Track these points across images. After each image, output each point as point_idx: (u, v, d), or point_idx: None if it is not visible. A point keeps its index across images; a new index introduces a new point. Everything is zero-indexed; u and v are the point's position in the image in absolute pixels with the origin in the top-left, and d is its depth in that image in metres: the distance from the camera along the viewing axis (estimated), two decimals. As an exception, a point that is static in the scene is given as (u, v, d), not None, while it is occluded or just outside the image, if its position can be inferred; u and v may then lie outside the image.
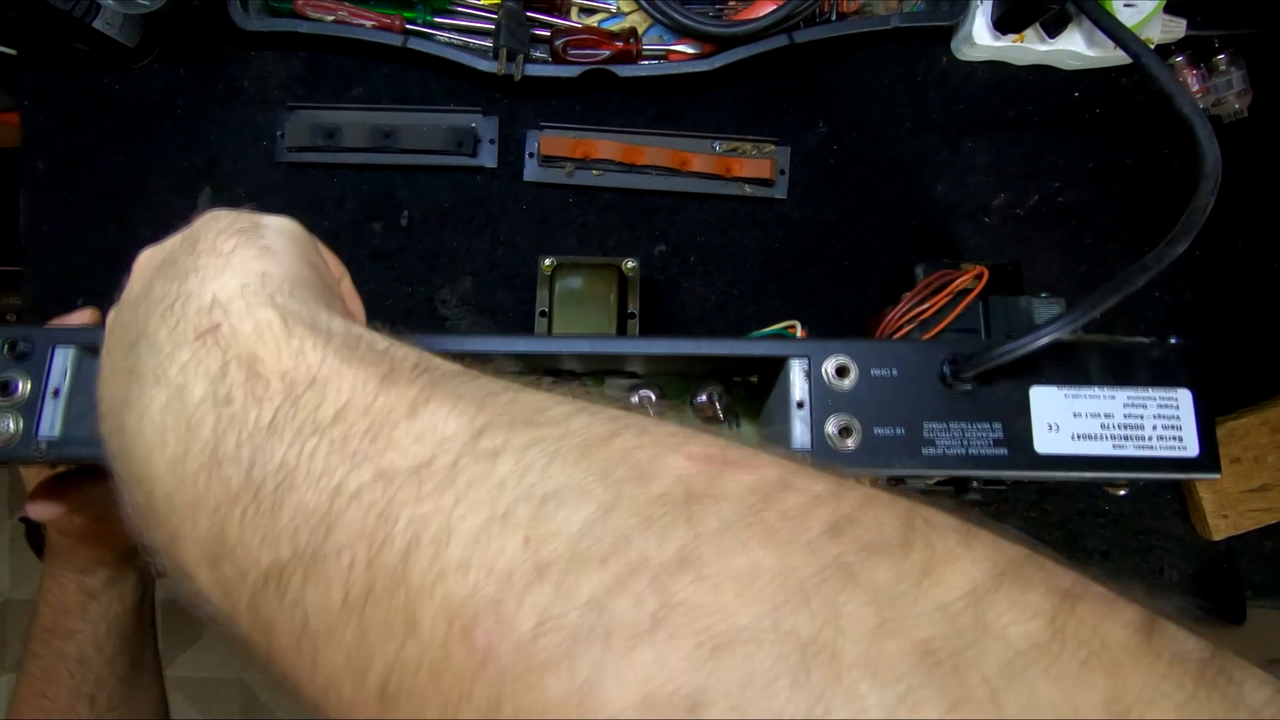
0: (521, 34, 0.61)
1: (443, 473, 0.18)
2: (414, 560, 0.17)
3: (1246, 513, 0.60)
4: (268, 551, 0.20)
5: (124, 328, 0.27)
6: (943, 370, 0.38)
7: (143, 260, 0.30)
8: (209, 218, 0.30)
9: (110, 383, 0.27)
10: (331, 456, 0.20)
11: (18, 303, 0.66)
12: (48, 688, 0.53)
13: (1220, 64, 0.62)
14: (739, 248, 0.64)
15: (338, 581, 0.18)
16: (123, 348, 0.26)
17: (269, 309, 0.24)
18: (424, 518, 0.18)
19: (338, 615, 0.18)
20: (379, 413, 0.20)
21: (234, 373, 0.22)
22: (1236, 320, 0.63)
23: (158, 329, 0.25)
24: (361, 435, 0.20)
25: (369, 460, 0.19)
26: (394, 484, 0.19)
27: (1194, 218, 0.36)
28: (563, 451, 0.18)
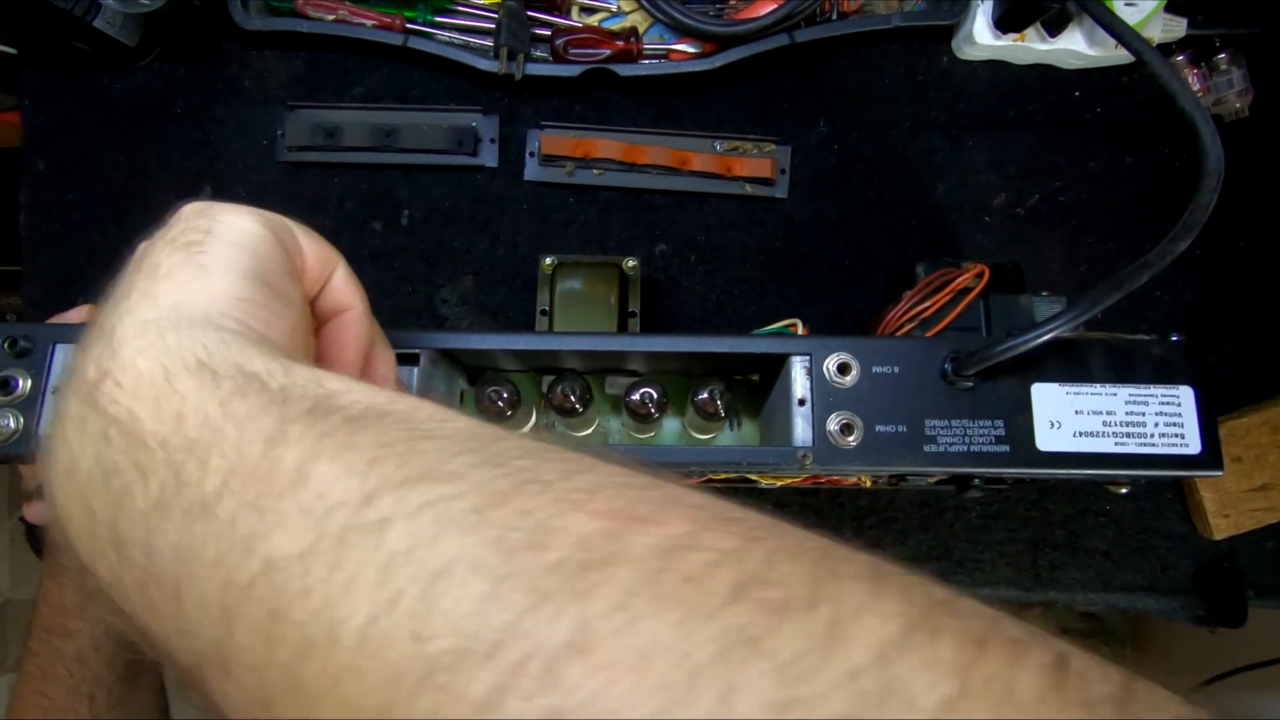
0: (522, 33, 0.61)
1: (330, 554, 0.17)
2: (308, 662, 0.16)
3: (1248, 512, 0.60)
4: (182, 647, 0.19)
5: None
6: (944, 367, 0.38)
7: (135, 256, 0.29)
8: (175, 218, 0.28)
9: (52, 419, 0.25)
10: (222, 543, 0.18)
11: (18, 302, 0.66)
12: (46, 686, 0.53)
13: (1221, 63, 0.62)
14: (740, 247, 0.64)
15: (243, 683, 0.18)
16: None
17: (154, 354, 0.22)
18: (314, 614, 0.17)
19: (252, 713, 0.18)
20: (264, 479, 0.19)
21: (115, 438, 0.21)
22: (1237, 319, 0.63)
23: (76, 359, 0.23)
24: (249, 510, 0.18)
25: (255, 546, 0.18)
26: (282, 573, 0.17)
27: (1196, 216, 0.36)
28: (453, 516, 0.17)
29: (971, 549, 0.62)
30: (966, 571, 0.62)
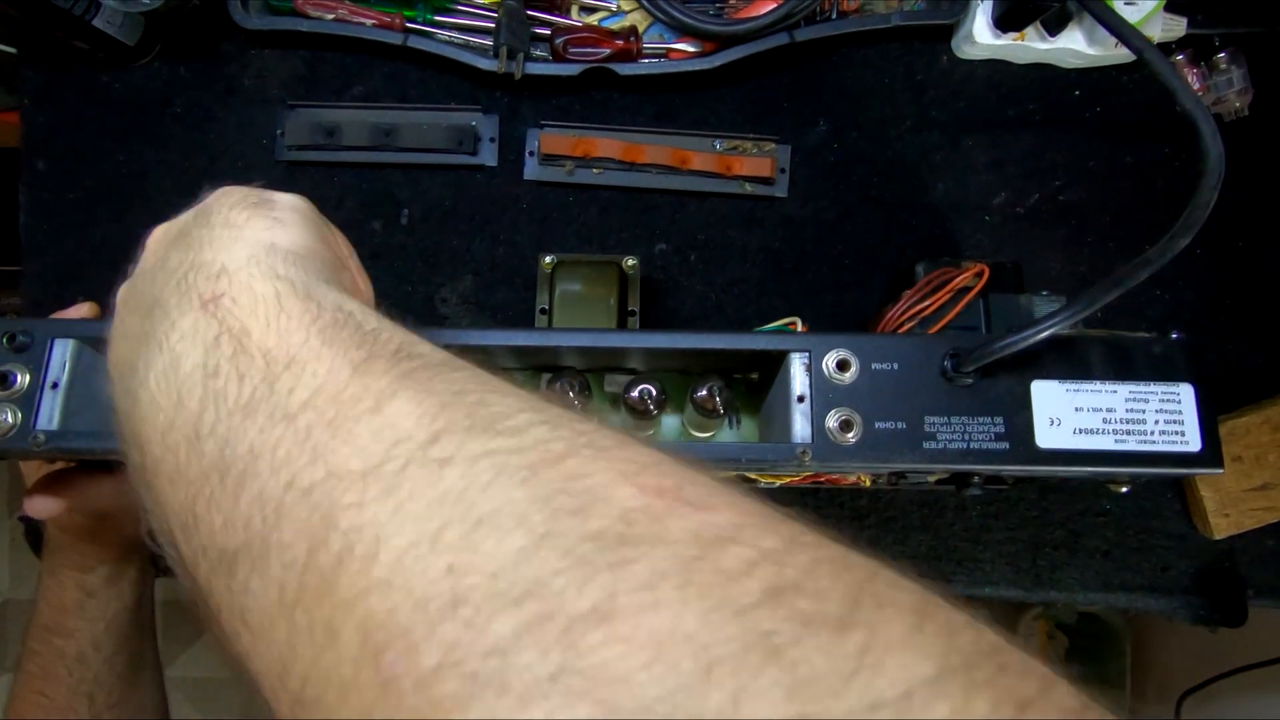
0: (522, 32, 0.61)
1: (389, 478, 0.18)
2: (344, 569, 0.17)
3: (1248, 511, 0.60)
4: (225, 535, 0.20)
5: (138, 296, 0.28)
6: (944, 364, 0.38)
7: (157, 234, 0.32)
8: (221, 193, 0.30)
9: (120, 346, 0.27)
10: (294, 448, 0.20)
11: (18, 302, 0.66)
12: (46, 686, 0.53)
13: (1221, 62, 0.62)
14: (739, 246, 0.64)
15: (276, 578, 0.18)
16: (136, 314, 0.27)
17: (269, 281, 0.24)
18: (360, 527, 0.17)
19: (273, 612, 0.18)
20: (346, 403, 0.20)
21: (224, 345, 0.23)
22: (1237, 319, 0.63)
23: (169, 296, 0.25)
24: (325, 426, 0.20)
25: (324, 456, 0.19)
26: (341, 484, 0.18)
27: (1196, 214, 0.36)
28: (509, 469, 0.18)
29: (971, 548, 0.62)
30: (966, 571, 0.62)
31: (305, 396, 0.21)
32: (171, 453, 0.22)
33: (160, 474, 0.22)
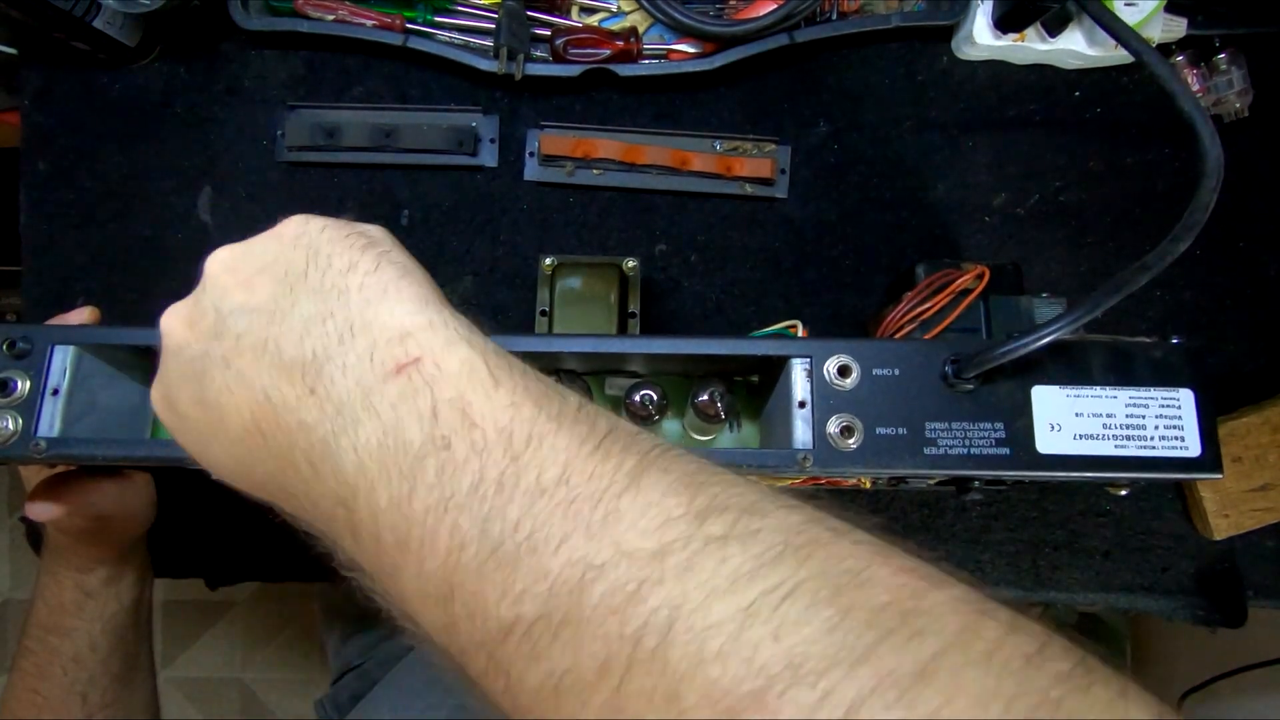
0: (522, 33, 0.61)
1: (681, 557, 0.20)
2: (672, 643, 0.19)
3: (1248, 512, 0.60)
4: (508, 606, 0.21)
5: (257, 342, 0.27)
6: (945, 370, 0.38)
7: (236, 264, 0.30)
8: (310, 227, 0.29)
9: (247, 396, 0.26)
10: (565, 524, 0.21)
11: (18, 303, 0.66)
12: (41, 684, 0.53)
13: (1221, 63, 0.62)
14: (739, 247, 0.64)
15: (590, 649, 0.19)
16: (271, 362, 0.26)
17: (464, 346, 0.25)
18: (674, 604, 0.19)
19: (592, 679, 0.19)
20: (600, 481, 0.22)
21: (447, 416, 0.23)
22: (1237, 319, 0.63)
23: (336, 354, 0.25)
24: (588, 504, 0.21)
25: (603, 534, 0.21)
26: (635, 563, 0.20)
27: (1196, 216, 0.36)
28: (786, 551, 0.20)
29: (972, 549, 0.62)
30: (966, 571, 0.62)
31: (557, 473, 0.22)
32: (414, 522, 0.22)
33: (400, 542, 0.23)
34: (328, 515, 0.25)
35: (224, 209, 0.64)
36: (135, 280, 0.64)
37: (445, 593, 0.22)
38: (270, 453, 0.26)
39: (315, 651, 1.55)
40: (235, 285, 0.29)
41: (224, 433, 0.27)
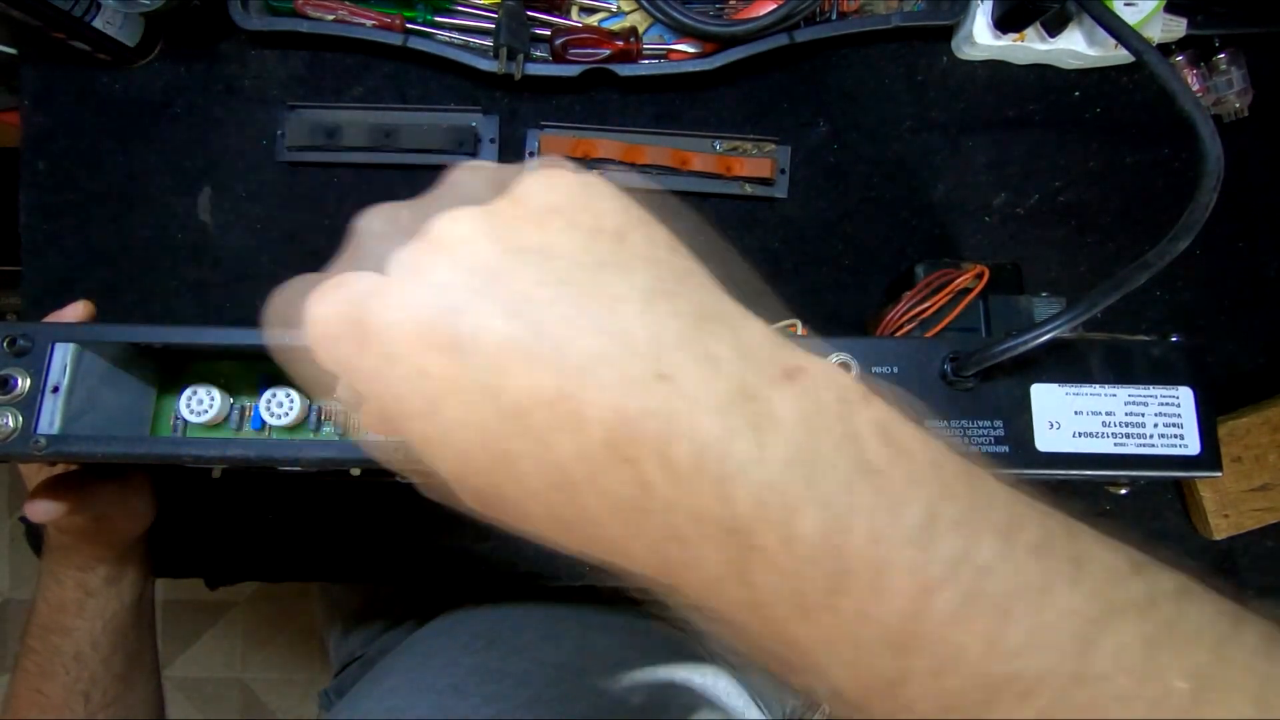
0: (522, 33, 0.61)
1: (1118, 624, 0.19)
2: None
3: (1248, 512, 0.60)
4: (1006, 661, 0.18)
5: (577, 297, 0.20)
6: (944, 368, 0.38)
7: (517, 191, 0.22)
8: (601, 182, 0.22)
9: (563, 361, 0.19)
10: (1045, 574, 0.19)
11: (18, 303, 0.66)
12: (43, 684, 0.53)
13: (1221, 63, 0.62)
14: (739, 247, 0.64)
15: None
16: (596, 328, 0.19)
17: (835, 376, 0.21)
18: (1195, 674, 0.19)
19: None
20: (1061, 536, 0.21)
21: (870, 438, 0.19)
22: (1237, 319, 0.63)
23: (703, 342, 0.20)
24: (1061, 558, 0.20)
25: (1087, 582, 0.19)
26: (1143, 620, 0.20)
27: (1196, 215, 0.36)
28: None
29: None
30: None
31: (1005, 519, 0.20)
32: (853, 558, 0.18)
33: (819, 578, 0.19)
34: (696, 543, 0.19)
35: (224, 209, 0.64)
36: (135, 280, 0.64)
37: (901, 642, 0.18)
38: (595, 454, 0.19)
39: (315, 651, 1.55)
40: (524, 218, 0.21)
41: (512, 428, 0.19)
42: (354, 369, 0.21)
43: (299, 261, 0.64)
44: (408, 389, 0.20)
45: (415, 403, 0.20)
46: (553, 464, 0.19)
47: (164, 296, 0.64)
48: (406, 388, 0.20)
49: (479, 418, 0.20)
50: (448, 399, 0.20)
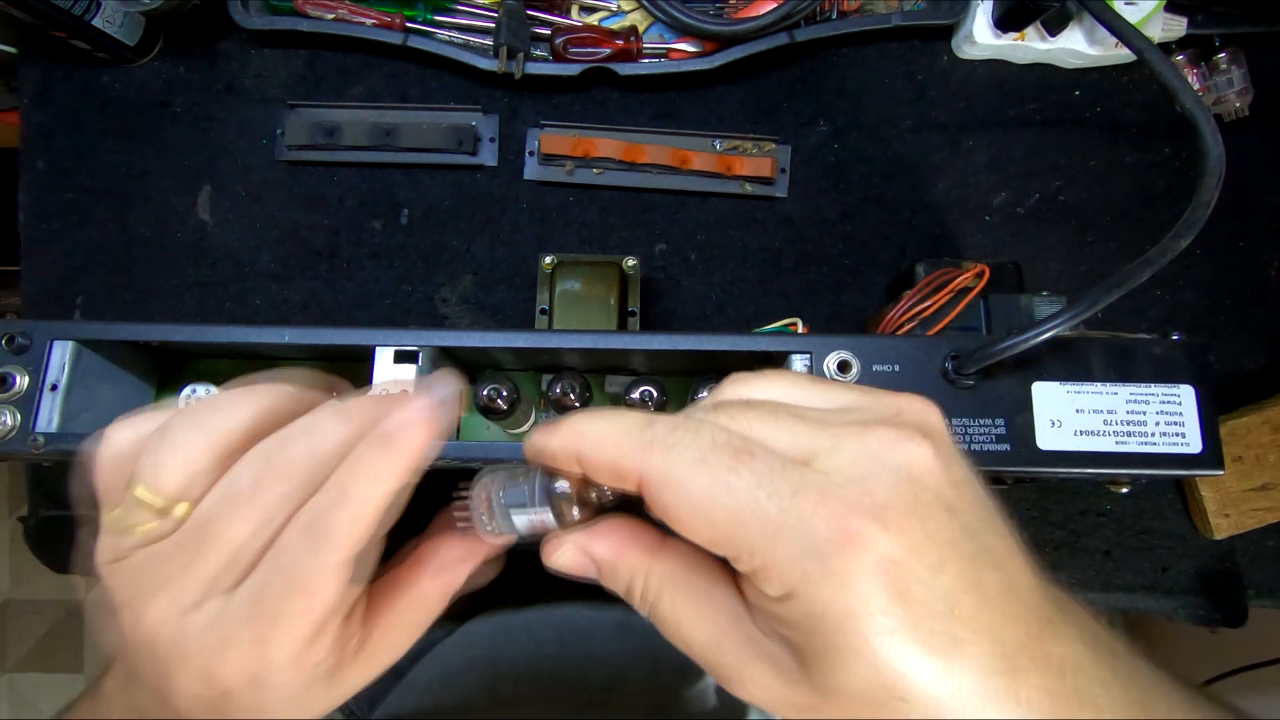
0: (522, 32, 0.61)
1: None
2: None
3: (1248, 512, 0.60)
4: None
5: (993, 581, 0.25)
6: (945, 366, 0.38)
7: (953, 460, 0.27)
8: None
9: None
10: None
11: (18, 302, 0.66)
12: None
13: (1221, 62, 0.62)
14: (740, 246, 0.64)
15: None
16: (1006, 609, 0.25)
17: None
18: None
19: None
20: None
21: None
22: (1237, 319, 0.63)
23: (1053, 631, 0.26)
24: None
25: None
26: None
27: (1197, 213, 0.36)
28: None
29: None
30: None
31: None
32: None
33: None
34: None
35: (223, 208, 0.64)
36: (135, 279, 0.64)
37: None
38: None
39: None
40: (959, 485, 0.26)
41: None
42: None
43: (298, 261, 0.64)
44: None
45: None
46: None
47: (163, 295, 0.64)
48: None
49: None
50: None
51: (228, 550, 0.26)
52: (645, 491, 0.25)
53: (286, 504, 0.26)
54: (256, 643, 0.26)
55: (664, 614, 0.27)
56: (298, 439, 0.27)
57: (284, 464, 0.27)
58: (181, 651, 0.27)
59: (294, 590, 0.26)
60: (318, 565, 0.26)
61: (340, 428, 0.27)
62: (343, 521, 0.26)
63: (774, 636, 0.25)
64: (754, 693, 0.26)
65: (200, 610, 0.27)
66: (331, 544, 0.26)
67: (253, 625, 0.26)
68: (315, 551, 0.26)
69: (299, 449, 0.27)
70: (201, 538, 0.26)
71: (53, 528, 0.64)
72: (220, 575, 0.27)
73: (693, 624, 0.27)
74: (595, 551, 0.28)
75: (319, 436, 0.27)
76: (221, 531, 0.26)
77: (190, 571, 0.26)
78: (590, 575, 0.29)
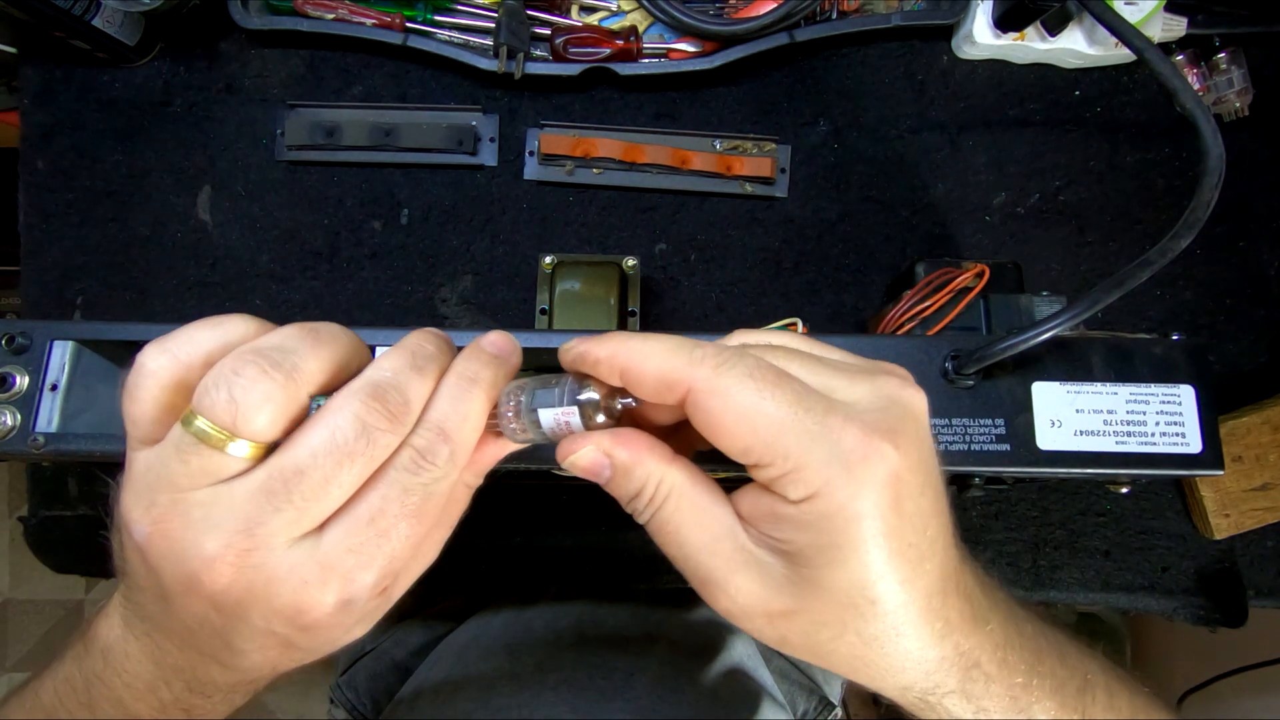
0: (522, 32, 0.61)
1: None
2: None
3: (1248, 512, 0.60)
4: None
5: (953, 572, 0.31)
6: (945, 366, 0.38)
7: (926, 457, 0.29)
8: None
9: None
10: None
11: (18, 302, 0.66)
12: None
13: (1221, 62, 0.62)
14: (739, 246, 0.64)
15: None
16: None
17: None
18: None
19: None
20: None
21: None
22: (1237, 319, 0.63)
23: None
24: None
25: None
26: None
27: (1197, 213, 0.36)
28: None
29: (971, 548, 0.61)
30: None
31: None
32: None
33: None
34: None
35: (223, 208, 0.64)
36: (134, 279, 0.64)
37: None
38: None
39: (314, 653, 1.54)
40: (928, 487, 0.29)
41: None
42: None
43: (298, 260, 0.64)
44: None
45: None
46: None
47: (163, 295, 0.64)
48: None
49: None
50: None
51: (333, 496, 0.27)
52: (692, 400, 0.28)
53: (387, 451, 0.28)
54: (361, 567, 0.28)
55: (667, 516, 0.30)
56: (390, 391, 0.28)
57: (386, 412, 0.28)
58: (271, 590, 0.27)
59: (407, 515, 0.28)
60: (432, 491, 0.28)
61: (422, 379, 0.29)
62: (445, 455, 0.29)
63: (766, 547, 0.29)
64: (735, 598, 0.29)
65: (297, 547, 0.28)
66: (439, 472, 0.28)
67: (357, 553, 0.28)
68: (427, 481, 0.28)
69: (394, 400, 0.28)
70: (302, 483, 0.27)
71: (53, 528, 0.64)
72: (317, 516, 0.28)
73: (693, 528, 0.30)
74: (617, 452, 0.30)
75: (407, 385, 0.29)
76: (328, 480, 0.27)
77: (283, 513, 0.27)
78: (601, 477, 0.31)
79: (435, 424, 0.29)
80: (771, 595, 0.28)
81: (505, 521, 0.62)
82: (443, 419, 0.29)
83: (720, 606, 0.30)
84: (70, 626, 1.64)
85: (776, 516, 0.28)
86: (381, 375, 0.29)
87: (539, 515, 0.62)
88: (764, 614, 0.29)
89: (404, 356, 0.30)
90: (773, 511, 0.28)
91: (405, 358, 0.30)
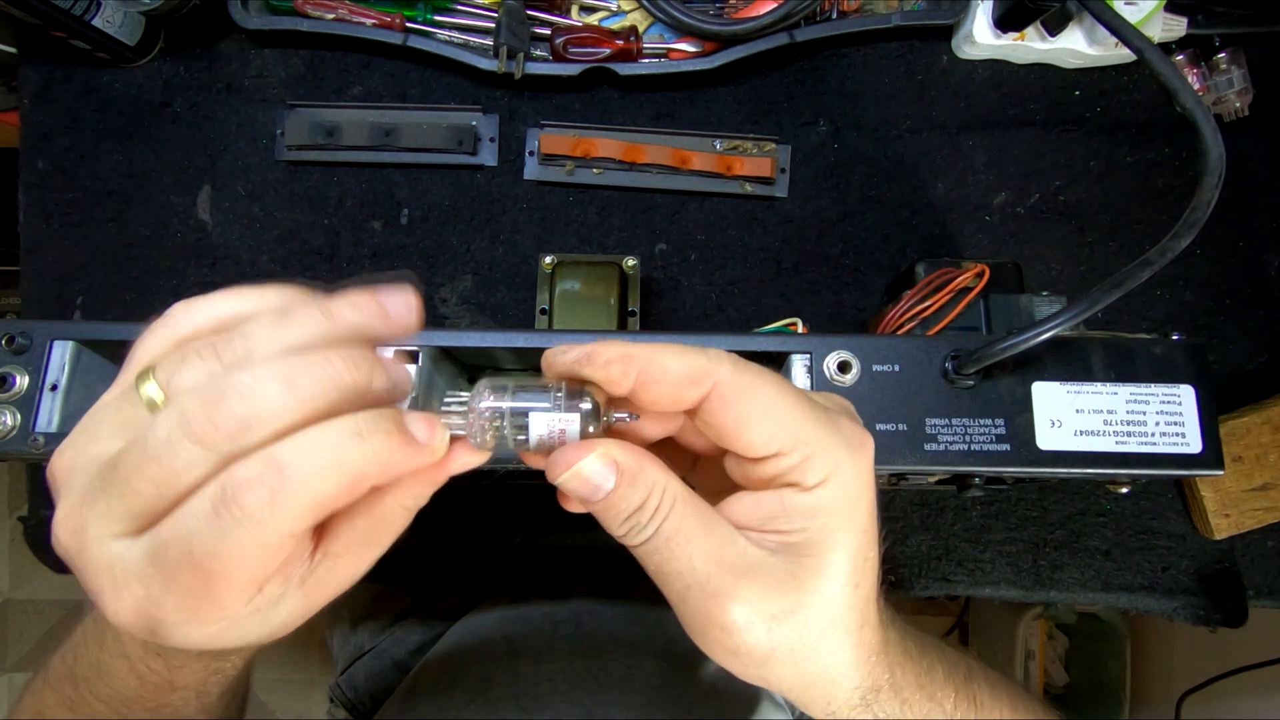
0: (522, 32, 0.61)
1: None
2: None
3: (1248, 512, 0.60)
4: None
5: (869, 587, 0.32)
6: (945, 366, 0.38)
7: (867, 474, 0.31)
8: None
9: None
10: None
11: (18, 302, 0.66)
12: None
13: (1221, 62, 0.62)
14: (740, 246, 0.64)
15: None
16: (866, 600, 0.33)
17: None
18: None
19: None
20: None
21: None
22: (1237, 319, 0.63)
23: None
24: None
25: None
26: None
27: (1197, 213, 0.36)
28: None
29: (971, 549, 0.62)
30: (967, 571, 0.62)
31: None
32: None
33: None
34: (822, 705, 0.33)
35: (223, 208, 0.64)
36: (134, 279, 0.64)
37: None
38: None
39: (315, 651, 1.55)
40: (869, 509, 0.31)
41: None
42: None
43: (298, 261, 0.64)
44: None
45: None
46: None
47: (163, 295, 0.64)
48: None
49: None
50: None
51: (136, 502, 0.24)
52: (719, 394, 0.28)
53: (192, 470, 0.24)
54: (162, 590, 0.24)
55: (674, 525, 0.29)
56: (232, 399, 0.23)
57: (208, 424, 0.23)
58: (85, 577, 0.25)
59: (193, 563, 0.24)
60: (230, 543, 0.23)
61: (290, 392, 0.24)
62: (262, 500, 0.23)
63: (766, 547, 0.29)
64: (737, 610, 0.29)
65: (117, 543, 0.25)
66: (246, 520, 0.23)
67: (151, 579, 0.24)
68: (226, 525, 0.23)
69: (224, 413, 0.23)
70: (114, 475, 0.24)
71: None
72: (127, 517, 0.24)
73: (699, 537, 0.29)
74: (623, 460, 0.28)
75: (258, 398, 0.24)
76: (128, 480, 0.24)
77: (98, 504, 0.24)
78: (600, 491, 0.28)
79: (274, 459, 0.23)
80: (775, 595, 0.29)
81: (504, 521, 0.62)
82: (293, 459, 0.23)
83: (724, 617, 0.29)
84: (70, 626, 1.64)
85: (786, 509, 0.29)
86: (235, 380, 0.23)
87: (538, 515, 0.62)
88: (767, 616, 0.29)
89: (283, 347, 0.25)
90: (781, 505, 0.29)
91: (284, 352, 0.24)
